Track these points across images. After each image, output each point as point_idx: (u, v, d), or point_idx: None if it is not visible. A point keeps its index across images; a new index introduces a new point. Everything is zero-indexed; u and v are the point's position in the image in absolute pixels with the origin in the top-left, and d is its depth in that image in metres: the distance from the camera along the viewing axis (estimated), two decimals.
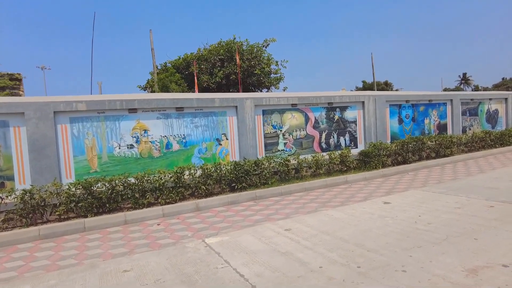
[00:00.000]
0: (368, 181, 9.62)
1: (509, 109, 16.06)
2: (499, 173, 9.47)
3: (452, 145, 12.40)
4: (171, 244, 5.63)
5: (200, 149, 8.75)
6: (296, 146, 10.17)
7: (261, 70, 23.16)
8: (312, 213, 6.74)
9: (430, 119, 13.23)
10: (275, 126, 9.78)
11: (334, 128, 10.83)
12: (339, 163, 10.03)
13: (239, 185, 8.30)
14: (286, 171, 9.04)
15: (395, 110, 12.16)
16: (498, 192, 7.26)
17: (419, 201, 6.94)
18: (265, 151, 9.62)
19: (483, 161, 11.99)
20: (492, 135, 13.98)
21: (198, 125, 8.70)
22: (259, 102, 9.34)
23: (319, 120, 10.52)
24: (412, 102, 12.57)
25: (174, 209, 7.40)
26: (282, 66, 24.85)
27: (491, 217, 5.62)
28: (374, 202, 7.18)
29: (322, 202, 7.70)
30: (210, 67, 23.13)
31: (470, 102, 14.71)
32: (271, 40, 24.95)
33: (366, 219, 6.03)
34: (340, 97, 10.70)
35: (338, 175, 9.67)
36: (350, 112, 11.08)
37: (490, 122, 15.68)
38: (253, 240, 5.37)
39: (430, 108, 13.17)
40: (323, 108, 10.58)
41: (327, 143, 10.73)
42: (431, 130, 13.30)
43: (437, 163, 11.48)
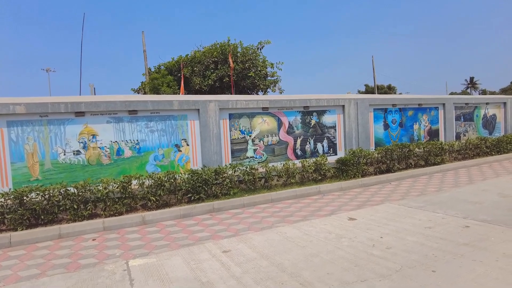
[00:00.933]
0: (344, 192, 8.80)
1: (508, 114, 15.07)
2: (489, 184, 8.57)
3: (442, 152, 11.50)
4: (91, 265, 4.93)
5: (156, 156, 8.04)
6: (268, 153, 9.39)
7: (256, 73, 22.46)
8: (266, 230, 5.97)
9: (420, 124, 12.34)
10: (244, 131, 9.03)
11: (310, 133, 10.04)
12: (314, 172, 9.22)
13: (196, 196, 7.56)
14: (252, 180, 8.27)
15: (380, 115, 11.32)
16: (480, 208, 6.41)
17: (389, 218, 6.12)
18: (232, 158, 8.87)
19: (476, 170, 11.06)
20: (488, 142, 13.01)
21: (154, 130, 7.99)
22: (224, 105, 8.61)
23: (293, 125, 9.74)
24: (399, 106, 11.72)
25: (116, 222, 6.68)
26: (278, 68, 24.15)
27: (462, 241, 4.78)
28: (338, 218, 6.38)
29: (284, 216, 6.92)
30: (203, 69, 22.52)
31: (465, 107, 13.78)
32: (265, 42, 24.31)
33: (320, 239, 5.24)
34: (317, 100, 9.91)
35: (311, 185, 8.86)
36: (329, 116, 10.28)
37: (487, 127, 14.70)
38: (180, 264, 4.62)
39: (420, 112, 12.30)
40: (298, 112, 9.80)
41: (302, 150, 9.93)
42: (420, 136, 12.41)
43: (425, 172, 10.60)
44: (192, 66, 22.35)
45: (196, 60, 22.82)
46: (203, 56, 22.28)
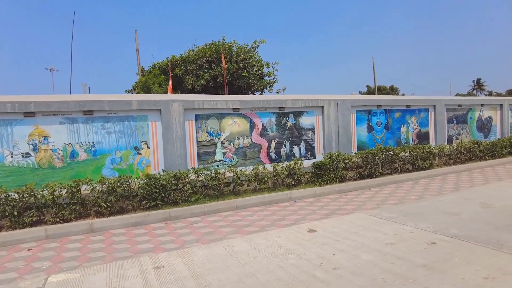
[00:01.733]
0: (317, 198, 8.23)
1: (504, 116, 14.33)
2: (474, 192, 7.92)
3: (431, 156, 10.86)
4: (7, 281, 4.45)
5: (114, 159, 7.54)
6: (239, 156, 8.85)
7: (250, 73, 21.95)
8: (214, 243, 5.43)
9: (408, 127, 11.70)
10: (212, 133, 8.50)
11: (286, 136, 9.47)
12: (287, 177, 8.66)
13: (152, 202, 7.05)
14: (216, 186, 7.74)
15: (364, 117, 10.71)
16: (456, 220, 5.80)
17: (352, 231, 5.54)
18: (199, 161, 8.35)
19: (466, 175, 10.40)
20: (481, 146, 12.31)
21: (112, 131, 7.50)
22: (190, 106, 8.09)
23: (267, 127, 9.19)
24: (385, 108, 11.09)
25: (61, 230, 6.20)
26: (273, 69, 23.62)
27: (422, 261, 4.19)
28: (298, 229, 5.82)
29: (242, 225, 6.39)
30: (197, 69, 22.08)
31: (458, 108, 13.08)
32: (260, 41, 23.84)
33: (266, 255, 4.68)
34: (293, 101, 9.34)
35: (283, 191, 8.30)
36: (307, 118, 9.71)
37: (482, 130, 13.98)
38: (102, 281, 4.12)
39: (408, 114, 11.65)
40: (272, 114, 9.24)
41: (277, 153, 9.37)
42: (409, 139, 11.76)
43: (410, 178, 9.97)
44: (185, 65, 21.91)
45: (190, 59, 22.39)
46: (197, 55, 21.85)
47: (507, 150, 12.95)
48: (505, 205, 6.55)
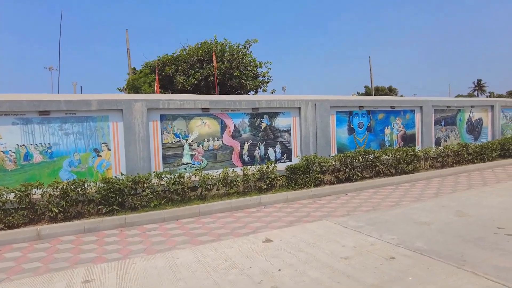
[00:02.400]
0: (288, 204, 7.83)
1: (495, 118, 13.86)
2: (454, 198, 7.49)
3: (415, 160, 10.42)
4: None
5: (72, 162, 7.17)
6: (208, 159, 8.46)
7: (242, 72, 21.57)
8: (160, 254, 5.03)
9: (392, 128, 11.27)
10: (179, 135, 8.11)
11: (260, 138, 9.07)
12: (259, 180, 8.26)
13: (107, 207, 6.67)
14: (180, 190, 7.35)
15: (344, 118, 10.28)
16: (425, 231, 5.38)
17: (310, 242, 5.14)
18: (164, 164, 7.96)
19: (451, 180, 9.96)
20: (470, 149, 11.86)
21: (70, 133, 7.13)
22: (154, 106, 7.71)
23: (240, 129, 8.79)
24: (367, 109, 10.66)
25: (4, 237, 5.82)
26: (267, 68, 23.23)
27: (371, 281, 3.78)
28: (255, 238, 5.42)
29: (198, 234, 6.00)
30: (188, 68, 21.73)
31: (446, 110, 12.63)
32: (253, 41, 23.45)
33: (207, 269, 4.29)
34: (268, 101, 8.94)
35: (254, 195, 7.91)
36: (283, 119, 9.30)
37: (472, 133, 13.52)
38: None
39: (392, 115, 11.22)
40: (245, 114, 8.84)
41: (251, 156, 8.97)
42: (393, 141, 11.33)
43: (391, 182, 9.55)
44: (176, 65, 21.57)
45: (181, 58, 22.05)
46: (188, 55, 21.51)
47: (497, 153, 12.50)
48: (480, 214, 6.13)
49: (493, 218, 5.84)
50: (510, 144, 12.95)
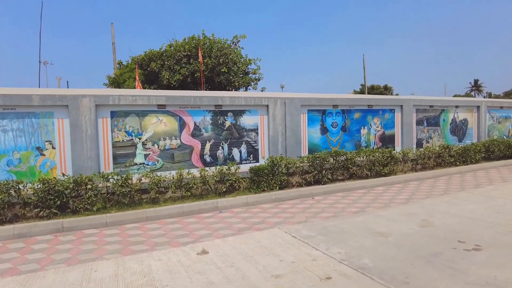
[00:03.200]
0: (247, 208, 7.32)
1: (481, 119, 13.33)
2: (424, 205, 6.98)
3: (392, 162, 9.91)
4: None
5: (11, 161, 6.64)
6: (165, 159, 7.93)
7: (231, 69, 21.01)
8: (79, 265, 4.53)
9: (370, 128, 10.74)
10: (131, 133, 7.57)
11: (224, 137, 8.54)
12: (218, 183, 7.75)
13: (45, 210, 6.15)
14: (126, 193, 6.83)
15: (317, 117, 9.75)
16: (378, 244, 4.87)
17: (249, 254, 4.63)
18: (114, 164, 7.43)
19: (428, 184, 9.45)
20: (452, 151, 11.35)
21: (8, 129, 6.59)
22: (103, 101, 7.17)
23: (201, 127, 8.26)
24: (342, 108, 10.13)
25: None
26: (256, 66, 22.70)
27: None
28: (190, 250, 4.91)
29: (134, 242, 5.50)
30: (174, 63, 21.15)
31: (429, 109, 12.09)
32: (241, 36, 22.86)
33: (121, 286, 3.79)
34: (232, 98, 8.40)
35: (211, 199, 7.40)
36: (249, 117, 8.76)
37: (457, 134, 12.99)
38: None
39: (369, 115, 10.69)
40: (207, 112, 8.31)
41: (213, 156, 8.44)
42: (370, 142, 10.80)
43: (364, 185, 9.04)
44: (163, 60, 21.01)
45: (168, 54, 21.48)
46: (175, 50, 20.95)
47: (480, 156, 11.99)
48: (446, 224, 5.62)
49: (457, 230, 5.34)
50: (495, 146, 12.44)
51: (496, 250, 4.44)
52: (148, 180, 7.03)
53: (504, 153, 12.73)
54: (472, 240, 4.84)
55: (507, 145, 12.74)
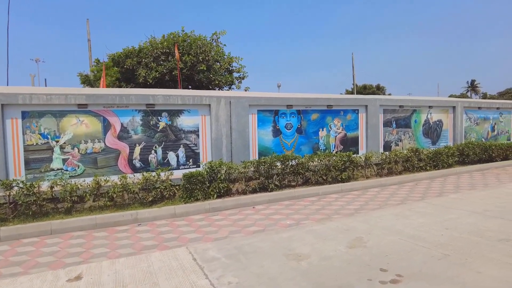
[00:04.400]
0: (172, 220, 6.53)
1: (457, 120, 12.53)
2: (367, 219, 6.18)
3: (351, 166, 9.11)
4: None
5: None
6: (87, 164, 7.12)
7: (211, 66, 20.18)
8: None
9: (329, 130, 9.94)
10: (47, 135, 6.77)
11: (158, 139, 7.74)
12: (142, 191, 6.96)
13: None
14: (31, 202, 6.03)
15: (268, 118, 8.95)
16: (286, 270, 4.09)
17: (126, 282, 3.86)
18: (27, 170, 6.63)
19: (388, 192, 8.67)
20: (423, 154, 10.56)
21: None
22: (11, 100, 6.37)
23: (129, 128, 7.45)
24: (298, 108, 9.32)
25: None
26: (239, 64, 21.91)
27: None
28: (65, 274, 4.13)
29: (16, 262, 4.75)
30: (152, 61, 20.34)
31: (399, 110, 11.29)
32: (221, 33, 22.05)
33: None
34: (166, 97, 7.60)
35: (134, 209, 6.61)
36: (188, 118, 7.96)
37: (430, 136, 12.19)
38: None
39: (329, 116, 9.89)
40: (137, 112, 7.51)
41: (144, 161, 7.64)
42: (330, 145, 10.00)
43: (316, 193, 8.24)
44: (141, 57, 20.22)
45: (145, 51, 20.68)
46: (152, 47, 20.16)
47: (454, 160, 11.19)
48: (379, 245, 4.83)
49: (388, 252, 4.55)
50: (469, 149, 11.65)
51: (416, 283, 3.65)
52: (60, 188, 6.24)
53: (480, 157, 11.96)
54: (397, 268, 4.05)
55: (483, 148, 11.96)
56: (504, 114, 14.51)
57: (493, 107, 14.03)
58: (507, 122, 14.69)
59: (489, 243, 4.69)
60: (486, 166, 11.74)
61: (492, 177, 10.27)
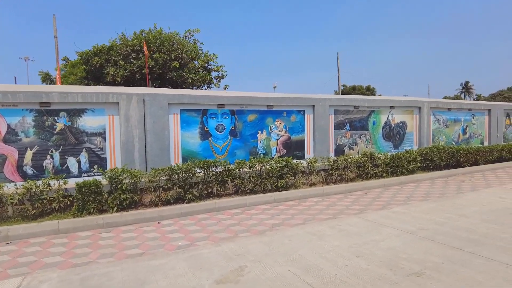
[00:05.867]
0: (54, 237, 5.55)
1: (423, 122, 11.54)
2: (273, 239, 5.19)
3: (290, 173, 8.12)
4: None
5: None
6: None
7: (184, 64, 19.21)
8: None
9: (270, 133, 8.94)
10: None
11: (55, 143, 6.73)
12: (27, 202, 5.95)
13: None
14: None
15: (195, 119, 7.95)
16: None
17: None
18: None
19: (327, 203, 7.68)
20: (378, 159, 9.56)
21: None
22: None
23: (18, 130, 6.45)
24: (231, 108, 8.32)
25: None
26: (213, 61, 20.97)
27: None
28: None
29: None
30: (121, 59, 19.35)
31: (354, 111, 10.29)
32: (194, 30, 21.16)
33: None
34: (63, 94, 6.59)
35: (12, 224, 5.62)
36: (92, 118, 6.96)
37: (392, 139, 11.20)
38: None
39: (270, 117, 8.89)
40: (28, 111, 6.50)
41: (37, 167, 6.63)
42: (270, 149, 8.99)
43: (243, 203, 7.26)
44: (110, 55, 19.26)
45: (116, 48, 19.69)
46: (122, 44, 19.22)
47: (416, 165, 10.18)
48: (255, 281, 3.86)
49: None
50: (434, 153, 10.65)
51: None
52: None
53: (446, 162, 10.96)
54: None
55: (449, 153, 10.95)
56: (477, 115, 13.52)
57: (465, 108, 13.03)
58: (480, 124, 13.71)
59: (394, 279, 3.69)
60: (452, 172, 10.75)
61: (453, 185, 9.28)
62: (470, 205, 6.93)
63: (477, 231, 5.20)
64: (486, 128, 13.84)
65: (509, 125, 14.58)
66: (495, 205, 6.88)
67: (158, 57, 17.85)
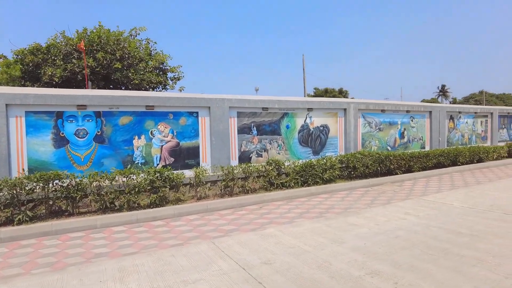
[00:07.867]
0: None
1: (349, 125, 10.50)
2: (104, 267, 4.02)
3: (167, 186, 6.94)
4: None
5: None
6: None
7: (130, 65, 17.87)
8: None
9: (151, 138, 7.75)
10: None
11: None
12: None
13: None
14: None
15: (46, 123, 6.71)
16: None
17: None
18: None
19: (199, 221, 6.54)
20: (285, 168, 8.46)
21: None
22: None
23: None
24: (96, 109, 7.11)
25: None
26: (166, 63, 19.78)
27: None
28: None
29: None
30: (61, 58, 17.90)
31: (262, 113, 9.18)
32: (140, 29, 19.83)
33: None
34: None
35: None
36: None
37: (311, 144, 10.11)
38: None
39: (150, 119, 7.71)
40: None
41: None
42: (152, 157, 7.79)
43: (92, 224, 6.06)
44: (49, 54, 17.79)
45: (55, 47, 18.23)
46: (63, 43, 17.83)
47: (333, 174, 9.11)
48: None
49: None
50: (357, 160, 9.59)
51: None
52: None
53: (373, 170, 9.89)
54: None
55: (376, 159, 9.90)
56: (417, 118, 12.57)
57: (402, 110, 12.06)
58: (421, 127, 12.76)
59: None
60: (379, 181, 9.71)
61: (369, 197, 8.21)
62: (363, 224, 5.85)
63: (330, 268, 4.05)
64: (427, 132, 12.90)
65: (453, 128, 13.69)
66: (389, 225, 5.81)
67: (101, 56, 16.54)
